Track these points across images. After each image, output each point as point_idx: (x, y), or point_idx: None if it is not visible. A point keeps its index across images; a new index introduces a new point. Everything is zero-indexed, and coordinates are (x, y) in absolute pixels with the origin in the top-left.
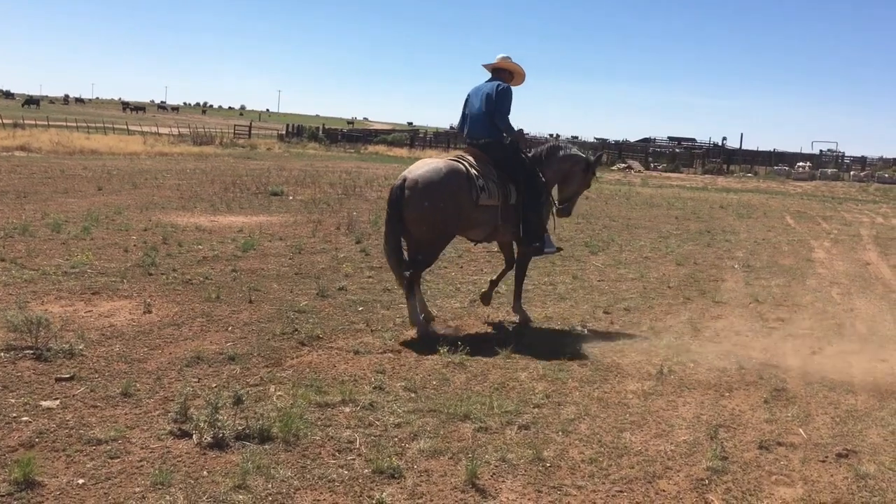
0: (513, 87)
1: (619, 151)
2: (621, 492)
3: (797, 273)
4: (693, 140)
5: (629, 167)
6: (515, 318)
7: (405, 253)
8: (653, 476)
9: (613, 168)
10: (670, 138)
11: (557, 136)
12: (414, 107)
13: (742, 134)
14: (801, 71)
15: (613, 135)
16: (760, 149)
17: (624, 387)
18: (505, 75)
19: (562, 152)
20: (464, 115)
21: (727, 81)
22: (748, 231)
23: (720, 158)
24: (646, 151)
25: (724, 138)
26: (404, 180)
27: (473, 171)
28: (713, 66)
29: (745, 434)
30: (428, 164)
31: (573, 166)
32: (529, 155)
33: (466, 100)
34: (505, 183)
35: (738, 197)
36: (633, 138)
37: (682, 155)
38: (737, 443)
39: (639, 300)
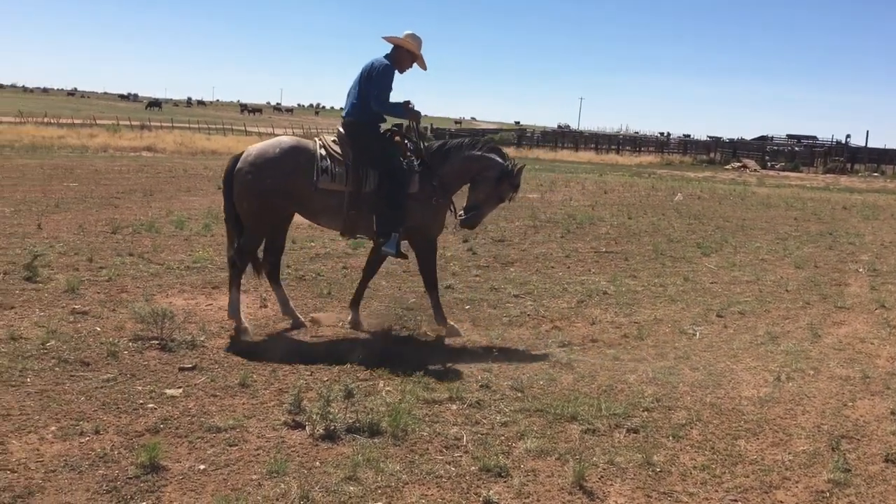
0: (412, 70)
1: (733, 150)
2: (735, 501)
3: None
4: (814, 138)
5: (744, 166)
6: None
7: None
8: (769, 486)
9: (727, 167)
10: (789, 136)
11: (668, 134)
12: (521, 106)
13: (868, 131)
14: None
15: (728, 133)
16: (888, 147)
17: (738, 393)
18: (403, 53)
19: (468, 152)
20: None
21: (851, 76)
22: (874, 233)
23: (843, 157)
24: (762, 150)
25: (848, 136)
26: (241, 152)
27: (322, 152)
28: (836, 60)
29: (869, 446)
30: (275, 139)
31: (483, 171)
32: (424, 145)
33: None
34: (361, 168)
35: (863, 197)
36: (748, 136)
37: (801, 153)
38: (860, 455)
39: (754, 304)
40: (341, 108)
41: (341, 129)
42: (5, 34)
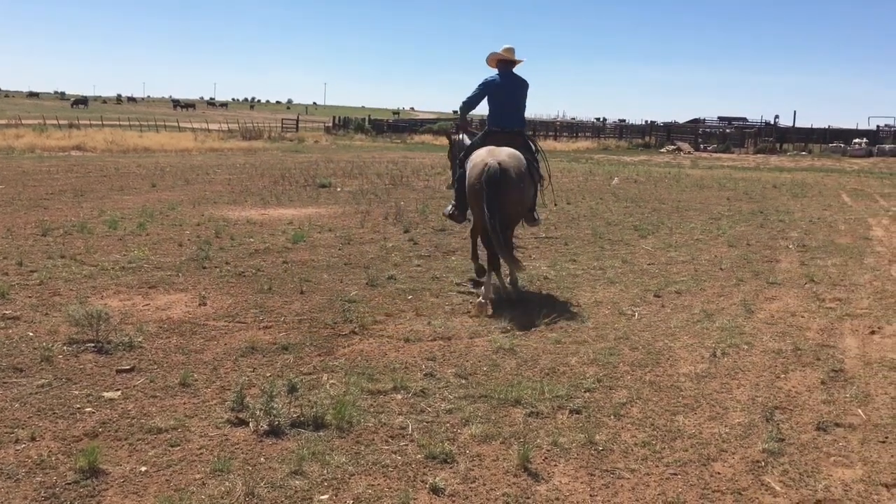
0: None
1: (667, 133)
2: (675, 475)
3: (854, 252)
4: (744, 119)
5: (678, 149)
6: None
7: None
8: (707, 459)
9: (662, 150)
10: (720, 118)
11: (604, 119)
12: (459, 95)
13: (795, 111)
14: (856, 44)
15: (662, 117)
16: (815, 126)
17: (676, 370)
18: (510, 66)
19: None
20: (497, 105)
21: (779, 58)
22: (803, 210)
23: (773, 137)
24: (695, 132)
25: (777, 116)
26: (499, 164)
27: (527, 156)
28: (764, 42)
29: (801, 416)
30: (504, 151)
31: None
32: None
33: (493, 91)
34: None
35: (792, 176)
36: (681, 120)
37: (732, 135)
38: (793, 424)
39: (690, 283)
40: (278, 102)
41: (509, 136)
42: None
